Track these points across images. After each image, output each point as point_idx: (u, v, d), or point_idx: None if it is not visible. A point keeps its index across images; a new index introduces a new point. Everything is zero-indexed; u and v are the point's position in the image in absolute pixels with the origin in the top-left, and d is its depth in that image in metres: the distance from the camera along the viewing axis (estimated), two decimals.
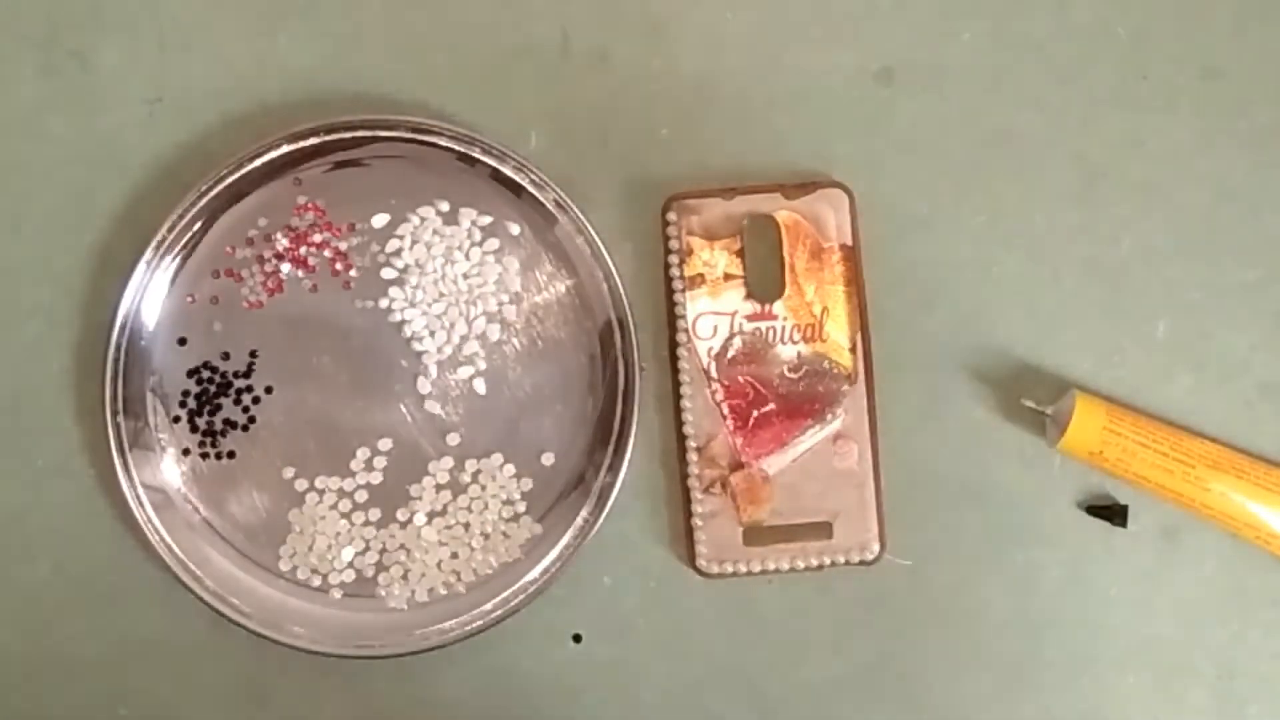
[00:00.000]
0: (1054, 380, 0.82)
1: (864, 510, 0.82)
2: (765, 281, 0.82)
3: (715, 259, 0.82)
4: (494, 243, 0.82)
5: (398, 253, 0.82)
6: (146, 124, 0.83)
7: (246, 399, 0.81)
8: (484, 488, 0.82)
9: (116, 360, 0.80)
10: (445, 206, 0.82)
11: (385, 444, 0.82)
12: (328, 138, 0.80)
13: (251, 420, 0.82)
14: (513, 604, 0.81)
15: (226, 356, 0.81)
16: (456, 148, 0.81)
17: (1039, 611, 0.83)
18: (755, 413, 0.82)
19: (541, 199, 0.81)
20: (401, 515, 0.82)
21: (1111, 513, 0.82)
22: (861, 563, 0.82)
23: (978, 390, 0.83)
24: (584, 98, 0.83)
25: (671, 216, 0.81)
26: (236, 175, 0.80)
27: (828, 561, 0.82)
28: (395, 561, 0.82)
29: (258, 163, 0.80)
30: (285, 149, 0.80)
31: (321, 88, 0.83)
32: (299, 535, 0.82)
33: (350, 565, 0.82)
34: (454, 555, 0.82)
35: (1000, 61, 0.83)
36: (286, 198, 0.81)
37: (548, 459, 0.82)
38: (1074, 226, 0.83)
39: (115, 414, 0.80)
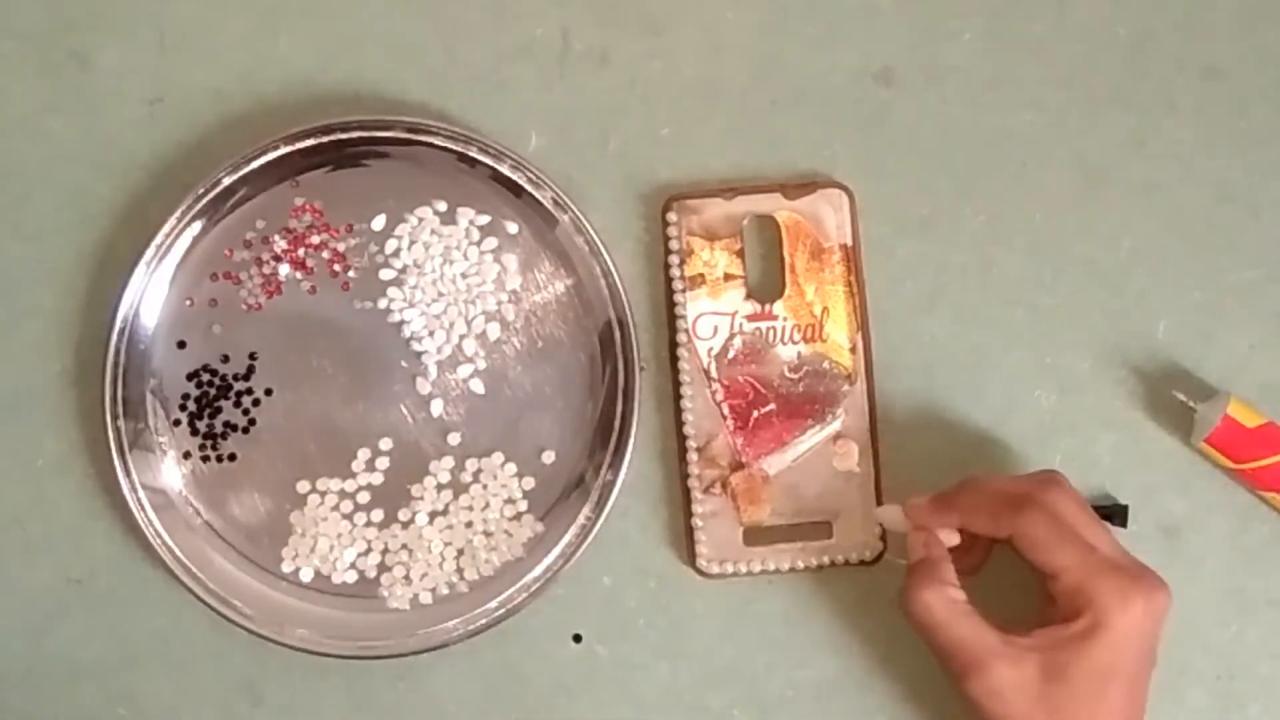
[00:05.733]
0: (1055, 380, 0.82)
1: (864, 510, 0.82)
2: (765, 282, 0.82)
3: (715, 259, 0.82)
4: (492, 242, 0.82)
5: (396, 253, 0.82)
6: (146, 124, 0.83)
7: (246, 401, 0.81)
8: (485, 487, 0.82)
9: (116, 363, 0.80)
10: (443, 206, 0.82)
11: (386, 444, 0.82)
12: (325, 139, 0.80)
13: (252, 423, 0.82)
14: (515, 603, 0.81)
15: (226, 359, 0.81)
16: (454, 148, 0.81)
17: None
18: (755, 413, 0.82)
19: (540, 198, 0.81)
20: (403, 515, 0.82)
21: (1111, 513, 0.82)
22: (861, 563, 0.82)
23: (980, 390, 0.83)
24: (584, 98, 0.83)
25: (671, 216, 0.81)
26: (234, 177, 0.80)
27: (828, 561, 0.82)
28: (398, 562, 0.82)
29: (255, 165, 0.80)
30: (283, 150, 0.80)
31: (321, 88, 0.83)
32: (301, 537, 0.82)
33: (352, 566, 0.82)
34: (459, 554, 0.82)
35: (1000, 61, 0.83)
36: (284, 199, 0.81)
37: (548, 457, 0.82)
38: (1074, 226, 0.83)
39: (115, 416, 0.80)
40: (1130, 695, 0.72)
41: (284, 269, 0.81)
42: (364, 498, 0.82)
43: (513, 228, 0.82)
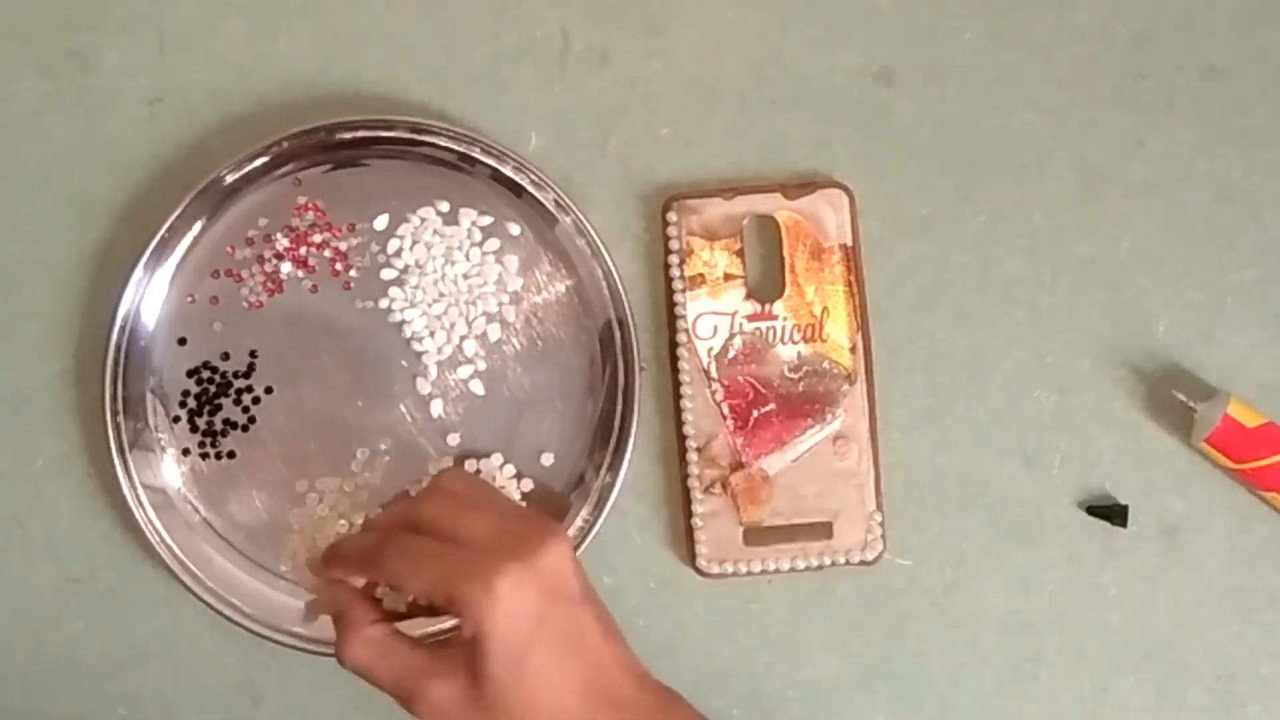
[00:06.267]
0: (1055, 380, 0.83)
1: (864, 510, 0.82)
2: (765, 281, 0.82)
3: (715, 259, 0.82)
4: (494, 243, 0.82)
5: (398, 253, 0.82)
6: (146, 124, 0.83)
7: (246, 399, 0.81)
8: None
9: (116, 361, 0.80)
10: (445, 207, 0.82)
11: (385, 444, 0.82)
12: (328, 138, 0.80)
13: (251, 420, 0.81)
14: None
15: (226, 356, 0.81)
16: (456, 148, 0.81)
17: (1039, 611, 0.83)
18: (755, 413, 0.82)
19: (542, 199, 0.81)
20: None
21: (1111, 513, 0.82)
22: (861, 563, 0.82)
23: (978, 390, 0.83)
24: (584, 98, 0.83)
25: (671, 216, 0.82)
26: (236, 175, 0.80)
27: (828, 561, 0.82)
28: None
29: (258, 163, 0.80)
30: (286, 148, 0.80)
31: (321, 88, 0.83)
32: (299, 536, 0.82)
33: None
34: None
35: (1000, 61, 0.83)
36: (286, 198, 0.81)
37: (547, 459, 0.82)
38: (1074, 226, 0.83)
39: (115, 414, 0.80)
40: (572, 650, 0.69)
41: (286, 267, 0.81)
42: (362, 497, 0.82)
43: (514, 229, 0.82)
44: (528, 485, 0.82)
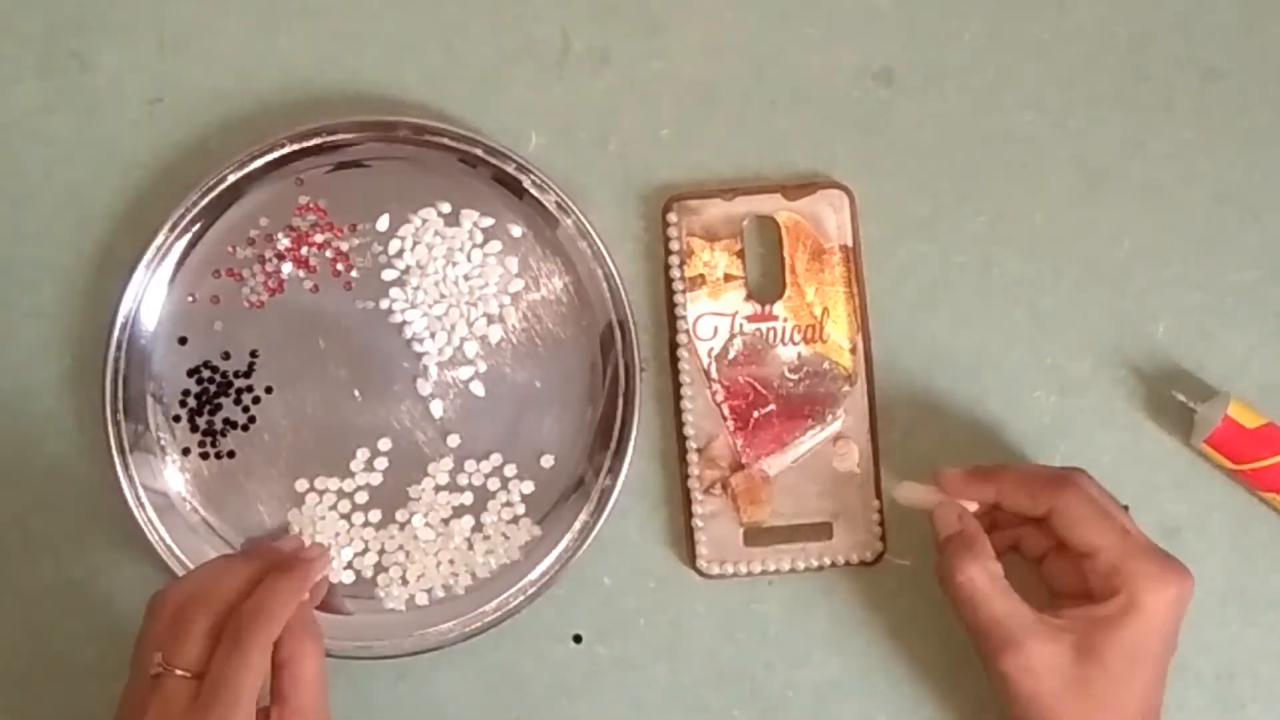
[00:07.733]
0: (1055, 380, 0.83)
1: (864, 510, 0.82)
2: (765, 282, 0.82)
3: (716, 260, 0.82)
4: (495, 244, 0.82)
5: (399, 254, 0.82)
6: (146, 124, 0.83)
7: (247, 399, 0.81)
8: (484, 489, 0.82)
9: (117, 360, 0.80)
10: (447, 208, 0.82)
11: (385, 445, 0.82)
12: (329, 138, 0.80)
13: (251, 420, 0.81)
14: (512, 605, 0.81)
15: (227, 356, 0.81)
16: (457, 148, 0.81)
17: None
18: (755, 413, 0.82)
19: (543, 201, 0.81)
20: (400, 516, 0.82)
21: None
22: (861, 563, 0.82)
23: (978, 390, 0.83)
24: (584, 98, 0.83)
25: (672, 217, 0.82)
26: (239, 175, 0.80)
27: (828, 562, 0.82)
28: (394, 563, 0.82)
29: (259, 162, 0.80)
30: (287, 149, 0.80)
31: (321, 88, 0.83)
32: (298, 535, 0.81)
33: (349, 566, 0.82)
34: (456, 557, 0.82)
35: (1000, 62, 0.83)
36: (288, 198, 0.81)
37: (547, 461, 0.82)
38: (1074, 226, 0.83)
39: (115, 415, 0.80)
40: (1156, 678, 0.73)
41: (287, 267, 0.81)
42: (362, 498, 0.82)
43: (516, 230, 0.82)
44: (528, 487, 0.82)
